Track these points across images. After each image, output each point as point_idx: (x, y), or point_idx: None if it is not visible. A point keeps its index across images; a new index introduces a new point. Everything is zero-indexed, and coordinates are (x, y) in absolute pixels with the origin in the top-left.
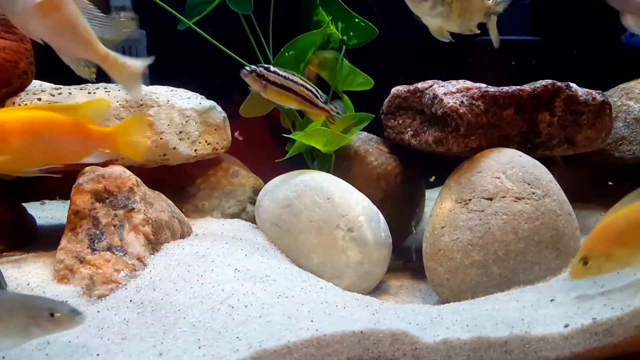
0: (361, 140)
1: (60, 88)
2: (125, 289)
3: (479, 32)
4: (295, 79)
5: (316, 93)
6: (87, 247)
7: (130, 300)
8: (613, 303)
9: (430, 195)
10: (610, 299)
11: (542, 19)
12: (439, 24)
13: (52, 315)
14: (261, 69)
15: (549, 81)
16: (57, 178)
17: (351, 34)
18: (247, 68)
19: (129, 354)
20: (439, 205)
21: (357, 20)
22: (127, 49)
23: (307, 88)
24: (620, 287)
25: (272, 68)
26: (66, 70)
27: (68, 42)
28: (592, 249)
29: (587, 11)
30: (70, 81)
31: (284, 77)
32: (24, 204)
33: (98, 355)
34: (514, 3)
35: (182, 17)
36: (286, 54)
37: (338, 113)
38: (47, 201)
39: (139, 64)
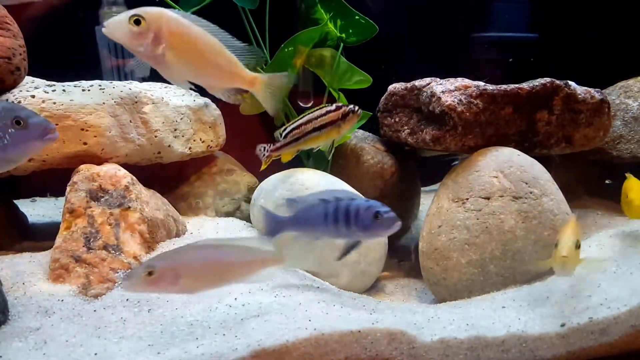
0: (357, 138)
1: (54, 85)
2: (122, 287)
3: None
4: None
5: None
6: (83, 246)
7: (127, 299)
8: (610, 302)
9: (427, 193)
10: (606, 299)
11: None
12: None
13: None
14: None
15: (548, 79)
16: (49, 175)
17: (350, 31)
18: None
19: (127, 353)
20: (435, 204)
21: (357, 17)
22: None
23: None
24: (617, 286)
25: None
26: (60, 66)
27: (216, 77)
28: (578, 234)
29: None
30: (64, 78)
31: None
32: (15, 202)
33: (96, 354)
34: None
35: (178, 8)
36: (285, 50)
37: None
38: (37, 198)
39: (282, 79)
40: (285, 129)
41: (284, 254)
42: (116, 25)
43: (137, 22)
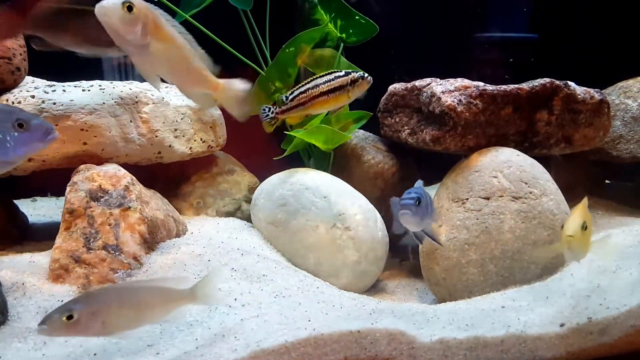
0: (358, 138)
1: (54, 85)
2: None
3: None
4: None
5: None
6: (83, 246)
7: None
8: (609, 303)
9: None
10: (606, 299)
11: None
12: None
13: None
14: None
15: (548, 80)
16: (49, 175)
17: (350, 31)
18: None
19: (126, 353)
20: (435, 204)
21: (357, 17)
22: None
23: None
24: (617, 286)
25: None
26: (59, 67)
27: (186, 77)
28: (586, 217)
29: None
30: (64, 78)
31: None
32: (15, 202)
33: (95, 354)
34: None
35: (178, 10)
36: (287, 50)
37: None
38: (38, 198)
39: (243, 86)
40: (291, 92)
41: (196, 291)
42: (111, 9)
43: (130, 8)
